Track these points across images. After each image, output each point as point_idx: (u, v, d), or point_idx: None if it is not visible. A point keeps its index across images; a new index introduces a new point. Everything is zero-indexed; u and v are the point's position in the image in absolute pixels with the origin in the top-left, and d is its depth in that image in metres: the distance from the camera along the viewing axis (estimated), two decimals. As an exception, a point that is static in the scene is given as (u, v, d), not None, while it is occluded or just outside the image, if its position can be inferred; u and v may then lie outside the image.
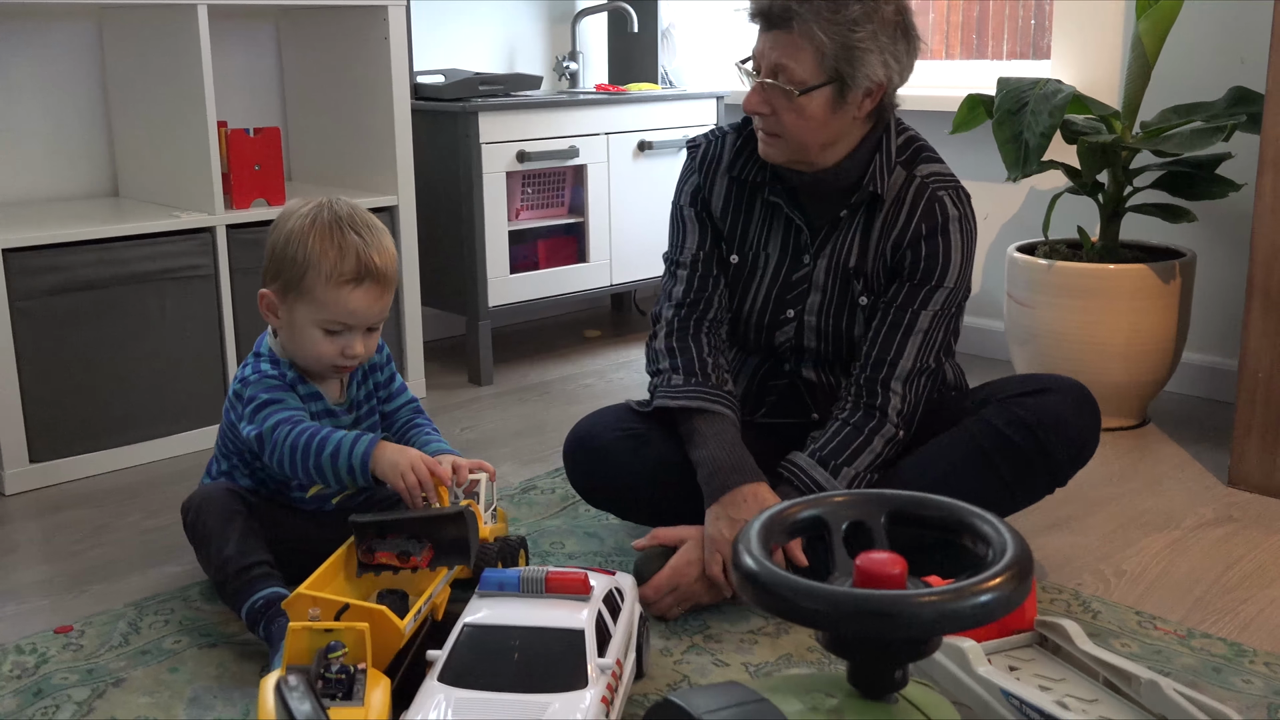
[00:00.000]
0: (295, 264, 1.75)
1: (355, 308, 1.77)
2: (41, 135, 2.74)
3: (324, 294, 1.75)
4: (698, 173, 1.96)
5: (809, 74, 1.75)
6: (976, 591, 0.96)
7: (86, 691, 1.61)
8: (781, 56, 1.76)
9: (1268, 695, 1.58)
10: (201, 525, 1.76)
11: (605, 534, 2.10)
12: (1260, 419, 2.26)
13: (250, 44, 3.03)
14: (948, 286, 1.85)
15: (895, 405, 1.84)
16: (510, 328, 3.72)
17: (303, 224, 1.76)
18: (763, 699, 1.05)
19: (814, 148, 1.81)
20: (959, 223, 1.84)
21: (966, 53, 3.46)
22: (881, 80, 1.77)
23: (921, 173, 1.86)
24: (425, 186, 3.02)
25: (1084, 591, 1.89)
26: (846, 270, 1.89)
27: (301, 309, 1.77)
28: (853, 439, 1.83)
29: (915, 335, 1.84)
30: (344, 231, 1.75)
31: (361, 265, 1.75)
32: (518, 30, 3.66)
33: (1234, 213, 2.76)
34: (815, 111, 1.77)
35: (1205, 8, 2.74)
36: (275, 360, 1.83)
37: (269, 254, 1.80)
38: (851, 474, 1.81)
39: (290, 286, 1.77)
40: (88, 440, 2.44)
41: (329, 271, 1.74)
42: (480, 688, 1.34)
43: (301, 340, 1.79)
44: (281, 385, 1.79)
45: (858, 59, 1.73)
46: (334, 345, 1.79)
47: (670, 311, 1.95)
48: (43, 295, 2.34)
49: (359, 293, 1.76)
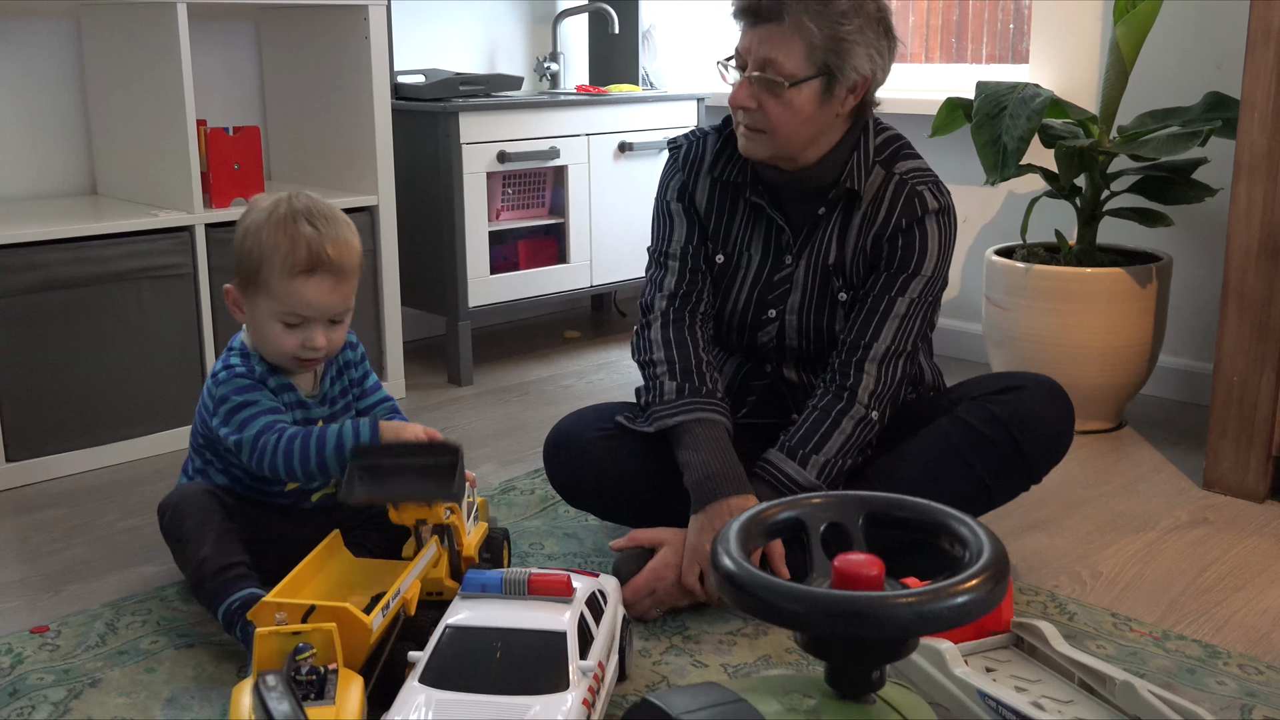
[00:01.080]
0: (251, 257, 1.77)
1: (311, 299, 1.77)
2: (19, 132, 2.72)
3: (278, 286, 1.76)
4: (682, 171, 1.97)
5: (798, 66, 1.76)
6: (953, 593, 0.97)
7: (63, 692, 1.60)
8: (771, 50, 1.77)
9: (1241, 696, 1.59)
10: (178, 526, 1.76)
11: (585, 534, 2.11)
12: (1235, 422, 2.28)
13: (230, 42, 3.02)
14: (925, 275, 1.86)
15: (867, 386, 1.84)
16: (490, 328, 3.72)
17: (260, 218, 1.78)
18: (741, 699, 1.06)
19: (797, 143, 1.82)
20: (938, 215, 1.86)
21: (945, 56, 3.48)
22: (867, 74, 1.79)
23: (901, 170, 1.88)
24: (405, 186, 3.02)
25: (1060, 593, 1.90)
26: (826, 268, 1.90)
27: (261, 302, 1.78)
28: (820, 424, 1.83)
29: (892, 320, 1.85)
30: (298, 223, 1.77)
31: (314, 255, 1.76)
32: (498, 31, 3.65)
33: (1210, 217, 2.78)
34: (803, 105, 1.78)
35: (1182, 12, 2.76)
36: (245, 354, 1.83)
37: (234, 250, 1.82)
38: (821, 461, 1.81)
39: (249, 281, 1.79)
40: (64, 439, 2.43)
41: (281, 263, 1.75)
42: (462, 689, 1.34)
43: (264, 334, 1.80)
44: (252, 383, 1.80)
45: (845, 51, 1.76)
46: (294, 338, 1.79)
47: (664, 302, 1.95)
48: (20, 294, 2.32)
49: (313, 283, 1.77)
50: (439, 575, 1.72)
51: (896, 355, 1.85)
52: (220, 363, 1.84)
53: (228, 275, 2.55)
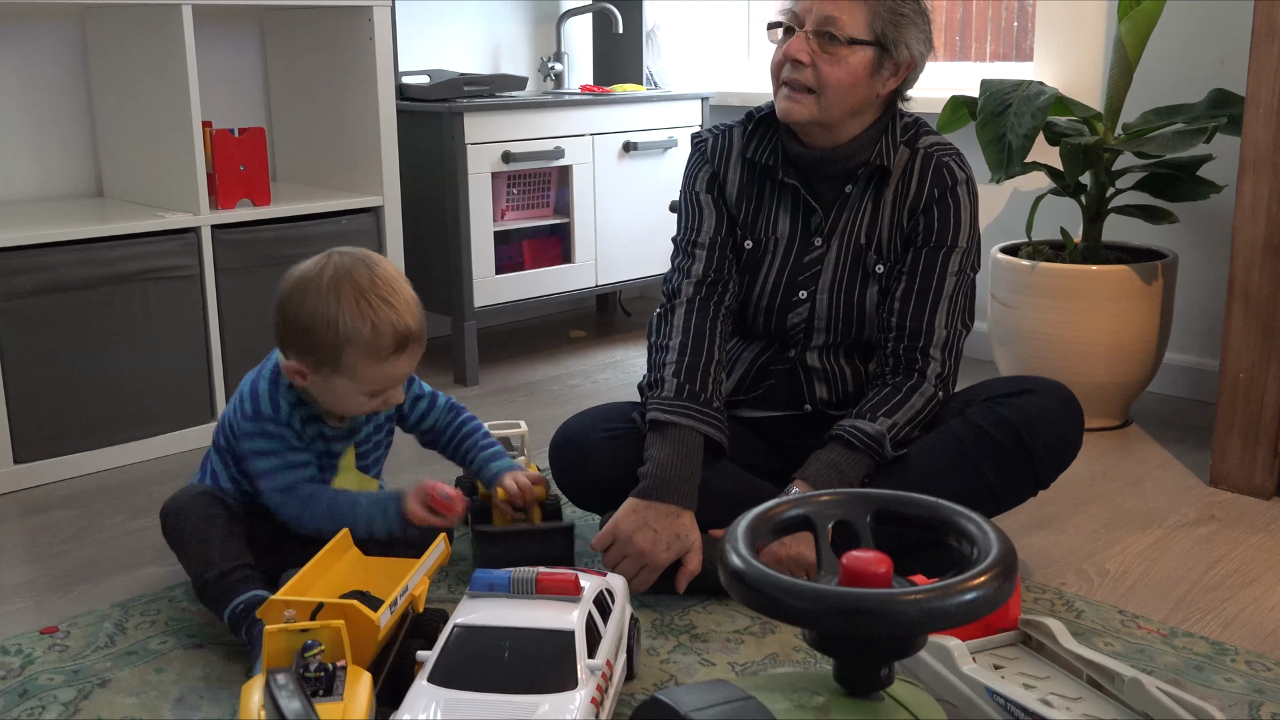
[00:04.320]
0: (330, 346, 1.69)
1: (399, 373, 1.75)
2: (25, 135, 2.73)
3: (365, 370, 1.71)
4: (710, 162, 2.01)
5: (858, 29, 1.83)
6: (962, 589, 0.97)
7: (72, 692, 1.60)
8: (834, 9, 1.82)
9: (1249, 693, 1.59)
10: (181, 529, 1.75)
11: (591, 534, 2.10)
12: (1241, 419, 2.27)
13: (235, 44, 3.02)
14: (961, 246, 1.92)
15: (935, 370, 1.91)
16: (495, 328, 3.72)
17: (328, 304, 1.68)
18: (749, 697, 1.06)
19: (840, 109, 1.86)
20: (965, 185, 1.93)
21: (950, 54, 3.48)
22: (913, 57, 1.86)
23: (924, 144, 1.94)
24: (410, 187, 3.02)
25: (1067, 591, 1.90)
26: (858, 246, 1.94)
27: (340, 381, 1.72)
28: (891, 397, 1.89)
29: (943, 303, 1.91)
30: (373, 305, 1.69)
31: (400, 337, 1.71)
32: (503, 31, 3.66)
33: (1215, 214, 2.78)
34: (855, 68, 1.83)
35: (1186, 10, 2.76)
36: (276, 381, 1.78)
37: (288, 327, 1.72)
38: (889, 422, 1.86)
39: (324, 363, 1.71)
40: (72, 441, 2.43)
41: (366, 349, 1.69)
42: (470, 688, 1.35)
43: (342, 402, 1.76)
44: (276, 430, 1.75)
45: (902, 27, 1.84)
46: (375, 401, 1.77)
47: (691, 288, 1.97)
48: (27, 296, 2.33)
49: (402, 359, 1.74)
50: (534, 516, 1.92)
51: (956, 338, 1.93)
52: (249, 387, 1.78)
53: (233, 276, 2.59)
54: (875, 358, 1.97)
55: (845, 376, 1.99)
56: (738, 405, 2.04)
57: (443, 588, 1.90)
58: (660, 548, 1.77)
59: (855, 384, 1.99)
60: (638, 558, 1.77)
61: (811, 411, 2.00)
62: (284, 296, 1.74)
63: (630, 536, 1.78)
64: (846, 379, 1.99)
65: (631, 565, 1.79)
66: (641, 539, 1.77)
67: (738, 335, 2.06)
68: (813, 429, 1.95)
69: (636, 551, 1.77)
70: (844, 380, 1.99)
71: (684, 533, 1.79)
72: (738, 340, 2.06)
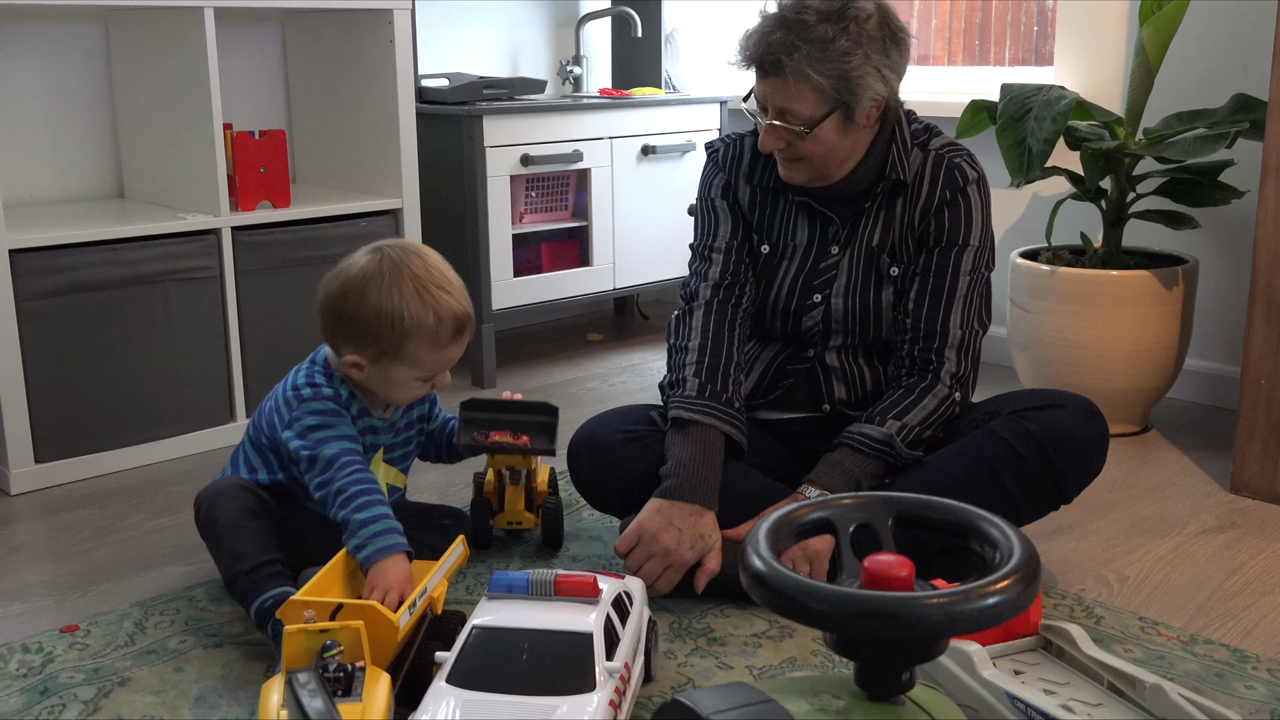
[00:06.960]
0: (395, 337, 1.74)
1: (455, 356, 1.81)
2: (48, 137, 2.75)
3: (426, 356, 1.77)
4: (723, 171, 2.02)
5: (813, 109, 1.82)
6: (985, 593, 0.97)
7: (93, 690, 1.61)
8: (784, 100, 1.83)
9: (1270, 701, 1.58)
10: (214, 521, 1.76)
11: (609, 536, 2.11)
12: (1262, 426, 2.26)
13: (256, 46, 3.04)
14: (974, 245, 1.92)
15: (949, 369, 1.91)
16: (513, 331, 3.73)
17: (391, 297, 1.73)
18: (770, 699, 1.06)
19: (833, 165, 1.88)
20: (977, 184, 1.93)
21: (969, 59, 3.47)
22: (883, 93, 1.84)
23: (935, 146, 1.94)
24: (429, 189, 3.03)
25: (1087, 597, 1.90)
26: (872, 250, 1.95)
27: (399, 369, 1.77)
28: (903, 399, 1.90)
29: (957, 303, 1.91)
30: (432, 294, 1.75)
31: (459, 322, 1.78)
32: (522, 34, 3.67)
33: (1236, 220, 2.77)
34: (827, 138, 1.84)
35: (1208, 14, 2.75)
36: (329, 373, 1.82)
37: (347, 323, 1.76)
38: (899, 424, 1.86)
39: (385, 353, 1.76)
40: (93, 440, 2.45)
41: (429, 337, 1.75)
42: (488, 690, 1.35)
43: (399, 390, 1.81)
44: (336, 408, 1.78)
45: (856, 83, 1.80)
46: (427, 385, 1.82)
47: (709, 291, 1.98)
48: (49, 296, 2.34)
49: (459, 344, 1.80)
50: (518, 508, 2.00)
51: (972, 337, 1.93)
52: (304, 376, 1.82)
53: (254, 278, 2.60)
54: (892, 360, 1.97)
55: (864, 376, 1.98)
56: (756, 407, 2.04)
57: (461, 589, 1.90)
58: (685, 547, 1.77)
59: (874, 384, 1.99)
60: (663, 557, 1.77)
61: (830, 412, 2.00)
62: (337, 294, 1.77)
63: (656, 535, 1.77)
64: (865, 379, 1.99)
65: (657, 565, 1.78)
66: (667, 538, 1.77)
67: (755, 337, 2.06)
68: (831, 431, 1.95)
69: (662, 551, 1.77)
70: (862, 380, 1.99)
71: (707, 533, 1.79)
72: (755, 342, 2.07)
